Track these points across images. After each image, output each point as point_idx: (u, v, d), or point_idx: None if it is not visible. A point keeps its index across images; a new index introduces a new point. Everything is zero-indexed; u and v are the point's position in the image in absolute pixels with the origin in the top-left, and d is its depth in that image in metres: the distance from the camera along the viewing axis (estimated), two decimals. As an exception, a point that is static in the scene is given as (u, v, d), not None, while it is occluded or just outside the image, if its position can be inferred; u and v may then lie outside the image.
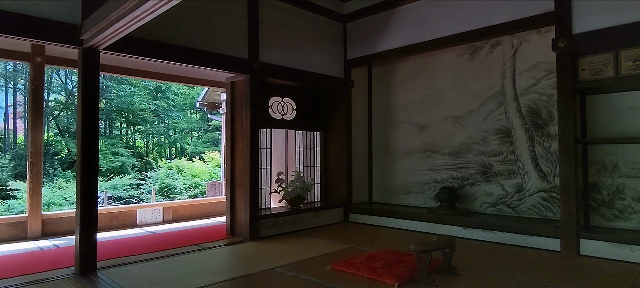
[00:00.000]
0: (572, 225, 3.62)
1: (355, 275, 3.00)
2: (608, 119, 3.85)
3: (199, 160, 12.64)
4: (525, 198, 4.45)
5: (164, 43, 3.80)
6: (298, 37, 5.06)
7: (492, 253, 3.71)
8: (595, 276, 3.02)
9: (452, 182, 5.03)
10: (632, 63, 3.42)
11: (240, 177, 4.52)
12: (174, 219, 5.86)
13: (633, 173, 3.70)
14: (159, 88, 16.50)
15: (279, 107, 5.27)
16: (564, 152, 3.71)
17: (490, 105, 4.75)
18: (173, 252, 3.86)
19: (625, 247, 3.38)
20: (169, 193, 10.75)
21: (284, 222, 4.75)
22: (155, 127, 17.08)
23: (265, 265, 3.36)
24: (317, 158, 5.76)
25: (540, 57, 4.34)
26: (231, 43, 4.32)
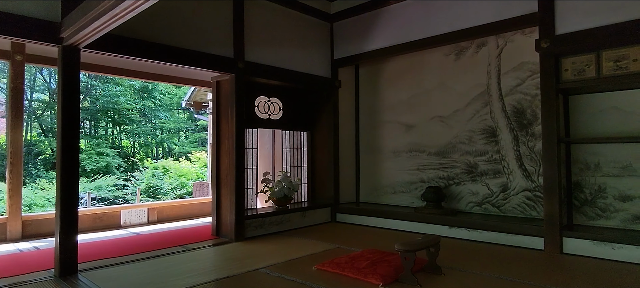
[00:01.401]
0: (555, 224, 3.66)
1: (340, 275, 2.99)
2: (590, 119, 3.90)
3: (186, 160, 12.50)
4: (510, 198, 4.49)
5: (148, 41, 3.74)
6: (284, 37, 5.03)
7: (477, 253, 3.73)
8: (577, 274, 3.06)
9: (438, 181, 5.06)
10: (613, 63, 3.47)
11: (225, 177, 4.48)
12: (160, 220, 5.79)
13: (614, 173, 3.76)
14: (146, 87, 16.29)
15: (265, 106, 5.24)
16: (548, 152, 3.75)
17: (476, 105, 4.78)
18: (157, 254, 3.81)
19: (607, 246, 3.43)
20: (155, 194, 10.62)
21: (270, 222, 4.72)
22: (141, 126, 16.85)
23: (250, 266, 3.33)
24: (304, 158, 5.74)
25: (525, 58, 4.39)
26: (216, 42, 4.27)
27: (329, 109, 5.57)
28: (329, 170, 5.55)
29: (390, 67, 5.64)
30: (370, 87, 5.86)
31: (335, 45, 5.65)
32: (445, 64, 5.07)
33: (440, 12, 4.58)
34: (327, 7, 5.58)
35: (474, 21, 4.30)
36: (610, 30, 3.43)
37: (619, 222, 3.71)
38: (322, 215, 5.42)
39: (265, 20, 4.79)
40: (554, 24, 3.73)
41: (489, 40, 4.68)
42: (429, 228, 4.52)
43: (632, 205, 3.66)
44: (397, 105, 5.53)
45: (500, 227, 4.07)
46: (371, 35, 5.22)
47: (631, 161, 3.67)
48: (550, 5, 3.75)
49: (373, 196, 5.75)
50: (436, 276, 2.95)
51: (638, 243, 3.30)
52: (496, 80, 4.63)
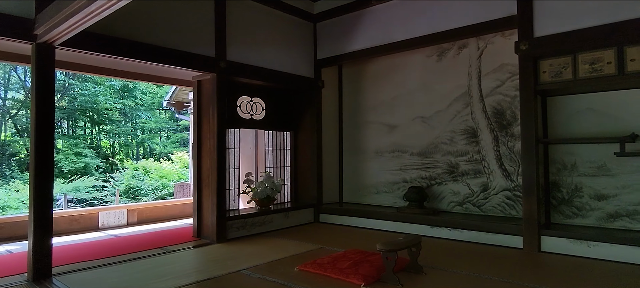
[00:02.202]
0: (534, 223, 3.73)
1: (322, 275, 2.98)
2: (567, 120, 3.99)
3: (167, 160, 12.31)
4: (490, 197, 4.56)
5: (127, 40, 3.66)
6: (267, 36, 4.99)
7: (458, 252, 3.77)
8: (554, 272, 3.12)
9: (420, 181, 5.10)
10: (588, 66, 3.56)
11: (207, 178, 4.41)
12: (139, 222, 5.67)
13: (590, 172, 3.85)
14: (126, 86, 15.98)
15: (247, 106, 5.19)
16: (526, 152, 3.82)
17: (457, 105, 4.84)
18: (136, 256, 3.72)
19: (582, 244, 3.52)
20: (135, 195, 10.41)
21: (252, 223, 4.68)
22: (121, 126, 16.52)
23: (232, 268, 3.29)
24: (287, 158, 5.72)
25: (505, 60, 4.46)
26: (197, 41, 4.21)
27: (312, 109, 5.56)
28: (312, 171, 5.54)
29: (373, 68, 5.66)
30: (354, 87, 5.87)
31: (319, 46, 5.64)
32: (428, 65, 5.11)
33: (422, 14, 4.62)
34: (310, 7, 5.57)
35: (455, 23, 4.35)
36: (586, 34, 3.51)
37: (594, 220, 3.81)
38: (305, 216, 5.41)
39: (247, 19, 4.75)
40: (533, 26, 3.80)
41: (470, 42, 4.74)
42: (411, 228, 4.55)
43: (606, 204, 3.75)
44: (380, 106, 5.56)
45: (481, 226, 4.12)
46: (354, 35, 5.23)
47: (606, 161, 3.77)
48: (528, 9, 3.82)
49: (356, 196, 5.76)
50: (417, 275, 2.97)
51: (612, 241, 3.38)
52: (477, 82, 4.69)
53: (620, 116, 3.72)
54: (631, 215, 3.63)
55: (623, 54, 3.39)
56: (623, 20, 3.34)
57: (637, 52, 3.33)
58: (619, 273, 3.04)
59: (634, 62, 3.35)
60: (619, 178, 3.70)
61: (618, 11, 3.38)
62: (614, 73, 3.43)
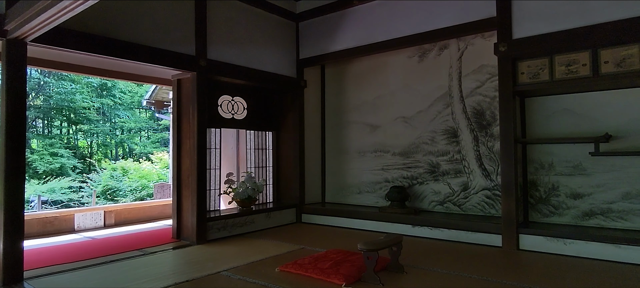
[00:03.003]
0: (512, 222, 3.79)
1: (303, 276, 2.96)
2: (544, 120, 4.08)
3: (147, 161, 12.09)
4: (470, 196, 4.62)
5: (103, 37, 3.57)
6: (249, 35, 4.94)
7: (438, 250, 3.81)
8: (531, 269, 3.18)
9: (402, 181, 5.13)
10: (564, 68, 3.64)
11: (187, 178, 4.34)
12: (117, 223, 5.54)
13: (566, 172, 3.94)
14: (105, 85, 15.62)
15: (229, 106, 5.13)
16: (505, 152, 3.88)
17: (438, 106, 4.89)
18: (112, 258, 3.63)
19: (559, 241, 3.59)
20: (114, 196, 10.18)
21: (233, 224, 4.62)
22: (100, 126, 16.13)
23: (212, 269, 3.24)
24: (269, 158, 5.67)
25: (484, 61, 4.53)
26: (177, 39, 4.13)
27: (295, 109, 5.53)
28: (295, 171, 5.51)
29: (355, 68, 5.67)
30: (336, 87, 5.87)
31: (301, 45, 5.61)
32: (409, 66, 5.15)
33: (403, 15, 4.64)
34: (292, 6, 5.54)
35: (435, 24, 4.39)
36: (562, 36, 3.59)
37: (570, 218, 3.89)
38: (288, 216, 5.37)
39: (228, 17, 4.69)
40: (511, 28, 3.87)
41: (451, 43, 4.80)
42: (393, 228, 4.57)
43: (582, 202, 3.84)
44: (362, 106, 5.57)
45: (461, 225, 4.17)
46: (336, 35, 5.22)
47: (581, 160, 3.86)
48: (507, 11, 3.88)
49: (339, 196, 5.76)
50: (398, 274, 2.98)
51: (587, 238, 3.47)
52: (457, 82, 4.75)
53: (595, 117, 3.81)
54: (605, 213, 3.73)
55: (597, 56, 3.48)
56: (597, 23, 3.42)
57: (610, 55, 3.42)
58: (593, 270, 3.12)
59: (607, 64, 3.44)
60: (594, 178, 3.80)
61: (593, 14, 3.46)
62: (589, 75, 3.52)
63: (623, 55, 3.37)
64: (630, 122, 3.65)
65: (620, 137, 3.68)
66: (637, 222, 3.58)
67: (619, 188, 3.67)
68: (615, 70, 3.40)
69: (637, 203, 3.59)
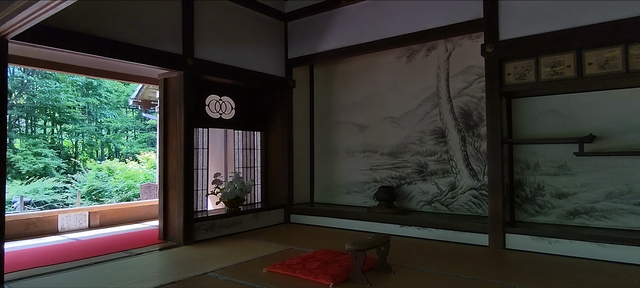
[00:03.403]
0: (499, 221, 3.83)
1: (291, 276, 2.94)
2: (530, 121, 4.12)
3: (134, 161, 11.93)
4: (457, 196, 4.65)
5: (88, 35, 3.50)
6: (237, 34, 4.91)
7: (426, 250, 3.82)
8: (517, 269, 3.21)
9: (390, 181, 5.14)
10: (550, 69, 3.69)
11: (173, 179, 4.29)
12: (102, 224, 5.45)
13: (552, 171, 3.99)
14: (90, 84, 15.36)
15: (216, 105, 5.09)
16: (492, 152, 3.92)
17: (426, 106, 4.91)
18: (97, 260, 3.56)
19: (544, 240, 3.64)
20: (99, 196, 10.01)
21: (221, 224, 4.58)
22: (85, 125, 15.86)
23: (198, 270, 3.20)
24: (257, 158, 5.64)
25: (472, 61, 4.56)
26: (163, 37, 4.08)
27: (283, 108, 5.50)
28: (283, 171, 5.48)
29: (344, 68, 5.67)
30: (325, 87, 5.86)
31: (290, 45, 5.59)
32: (398, 66, 5.16)
33: (392, 15, 4.66)
34: (281, 6, 5.52)
35: (423, 25, 4.41)
36: (547, 38, 3.63)
37: (555, 218, 3.95)
38: (276, 217, 5.35)
39: (216, 16, 4.65)
40: (498, 30, 3.91)
41: (439, 44, 4.83)
42: (381, 227, 4.58)
43: (566, 201, 3.90)
44: (351, 106, 5.57)
45: (448, 224, 4.19)
46: (325, 35, 5.22)
47: (566, 160, 3.91)
48: (494, 12, 3.92)
49: (327, 196, 5.75)
50: (386, 274, 2.98)
51: (571, 238, 3.52)
52: (445, 83, 4.78)
53: (579, 117, 3.87)
54: (589, 212, 3.79)
55: (581, 57, 3.53)
56: (582, 26, 3.48)
57: (594, 56, 3.48)
58: (577, 268, 3.16)
59: (591, 65, 3.49)
60: (578, 177, 3.85)
61: (577, 17, 3.51)
62: (573, 76, 3.57)
63: (606, 57, 3.43)
64: (613, 122, 3.71)
65: (604, 137, 3.74)
66: (619, 221, 3.64)
67: (603, 187, 3.73)
68: (599, 71, 3.46)
69: (619, 202, 3.65)
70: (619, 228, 3.62)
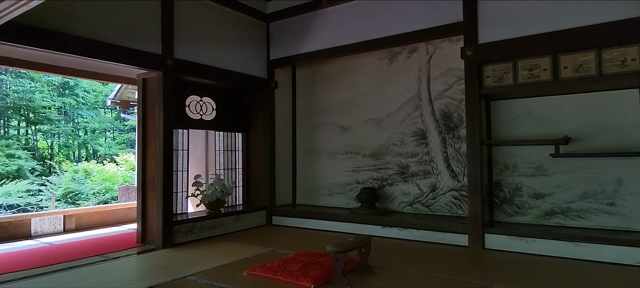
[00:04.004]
0: (478, 221, 3.88)
1: (272, 279, 2.92)
2: (509, 123, 4.20)
3: (112, 162, 11.65)
4: (438, 197, 4.70)
5: (62, 33, 3.40)
6: (218, 35, 4.85)
7: (407, 251, 3.85)
8: (495, 268, 3.26)
9: (372, 182, 5.16)
10: (527, 72, 3.76)
11: (152, 181, 4.20)
12: (78, 228, 5.30)
13: (529, 173, 4.07)
14: (66, 83, 14.94)
15: (197, 106, 5.01)
16: (471, 154, 3.97)
17: (408, 108, 4.95)
18: (71, 265, 3.46)
19: (522, 240, 3.70)
20: (75, 199, 9.74)
21: (201, 227, 4.51)
22: (61, 126, 15.42)
23: (177, 274, 3.14)
24: (239, 160, 5.58)
25: (452, 64, 4.62)
26: (142, 37, 4.00)
27: (265, 109, 5.46)
28: (265, 173, 5.44)
29: (326, 70, 5.67)
30: (307, 88, 5.84)
31: (272, 46, 5.56)
32: (379, 68, 5.19)
33: (373, 18, 4.68)
34: (263, 6, 5.48)
35: (405, 27, 4.44)
36: (525, 42, 3.71)
37: (533, 218, 4.03)
38: (257, 219, 5.30)
39: (197, 16, 4.59)
40: (477, 33, 3.97)
41: (420, 47, 4.87)
42: (363, 229, 4.59)
43: (543, 202, 3.98)
44: (333, 107, 5.57)
45: (429, 225, 4.23)
46: (308, 37, 5.21)
47: (543, 162, 4.00)
48: (474, 16, 3.98)
49: (310, 198, 5.73)
50: (367, 276, 2.99)
51: (548, 237, 3.59)
52: (426, 85, 4.83)
53: (555, 120, 3.96)
54: (564, 212, 3.88)
55: (557, 61, 3.62)
56: (558, 30, 3.56)
57: (569, 60, 3.57)
58: (553, 267, 3.23)
59: (566, 69, 3.58)
60: (554, 178, 3.94)
61: (553, 22, 3.60)
62: (550, 79, 3.65)
63: (581, 61, 3.52)
64: (588, 125, 3.81)
65: (579, 139, 3.84)
66: (593, 221, 3.74)
67: (578, 188, 3.83)
68: (574, 75, 3.55)
69: (593, 202, 3.75)
70: (593, 227, 3.72)
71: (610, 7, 3.36)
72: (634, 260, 3.23)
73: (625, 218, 3.62)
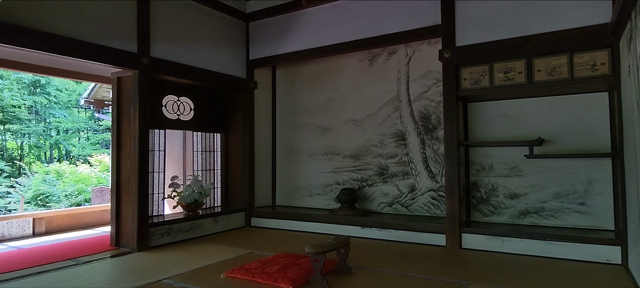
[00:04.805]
0: (456, 221, 3.94)
1: (250, 281, 2.88)
2: (485, 124, 4.28)
3: (85, 163, 11.31)
4: (417, 198, 4.74)
5: (33, 30, 3.28)
6: (196, 34, 4.77)
7: (386, 251, 3.87)
8: (471, 267, 3.31)
9: (352, 183, 5.17)
10: (503, 75, 3.84)
11: (127, 182, 4.09)
12: (48, 232, 5.12)
13: (505, 173, 4.16)
14: (38, 82, 14.43)
15: (174, 106, 4.92)
16: (449, 154, 4.03)
17: (387, 109, 4.99)
18: (41, 270, 3.33)
19: (498, 239, 3.77)
20: (46, 202, 9.40)
21: (178, 229, 4.42)
22: (32, 126, 14.89)
23: (152, 277, 3.06)
24: (217, 161, 5.50)
25: (431, 66, 4.68)
26: (117, 34, 3.90)
27: (244, 110, 5.41)
28: (244, 174, 5.38)
29: (307, 70, 5.65)
30: (288, 89, 5.81)
31: (251, 46, 5.51)
32: (360, 70, 5.21)
33: (353, 19, 4.69)
34: (242, 6, 5.43)
35: (384, 29, 4.47)
36: (501, 45, 3.79)
37: (508, 217, 4.11)
38: (236, 220, 5.23)
39: (174, 14, 4.50)
40: (455, 36, 4.03)
41: (399, 49, 4.91)
42: (343, 230, 4.59)
43: (518, 202, 4.07)
44: (313, 108, 5.56)
45: (408, 225, 4.27)
46: (288, 37, 5.18)
47: (518, 163, 4.09)
48: (451, 19, 4.04)
49: (290, 199, 5.70)
50: (346, 276, 2.98)
51: (522, 236, 3.67)
52: (405, 87, 4.87)
53: (530, 122, 4.06)
54: (538, 212, 3.97)
55: (531, 64, 3.71)
56: (532, 34, 3.65)
57: (543, 64, 3.66)
58: (527, 265, 3.30)
59: (540, 72, 3.68)
60: (528, 179, 4.04)
61: (527, 26, 3.69)
62: (524, 82, 3.74)
63: (553, 65, 3.62)
64: (560, 126, 3.92)
65: (552, 140, 3.94)
66: (566, 220, 3.85)
67: (551, 188, 3.93)
68: (547, 78, 3.64)
69: (565, 202, 3.86)
70: (565, 226, 3.83)
71: (581, 13, 3.47)
72: (602, 257, 3.34)
73: (595, 217, 3.74)
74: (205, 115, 5.34)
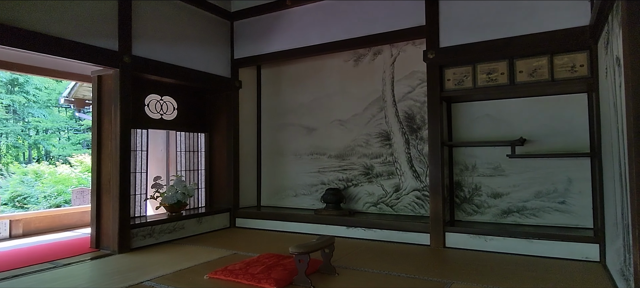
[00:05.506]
0: (439, 221, 3.97)
1: (234, 282, 2.84)
2: (469, 125, 4.33)
3: (65, 164, 11.05)
4: (402, 197, 4.77)
5: (9, 26, 3.18)
6: (180, 32, 4.71)
7: (371, 251, 3.87)
8: (454, 266, 3.34)
9: (338, 183, 5.17)
10: (486, 76, 3.89)
11: (107, 183, 4.01)
12: (26, 234, 4.98)
13: (488, 173, 4.21)
14: (15, 80, 14.05)
15: (157, 106, 4.84)
16: (433, 154, 4.06)
17: (373, 110, 5.00)
18: (17, 273, 3.23)
19: (481, 238, 3.82)
20: (24, 203, 9.16)
21: (161, 230, 4.35)
22: (9, 126, 14.49)
23: (134, 279, 3.01)
24: (201, 161, 5.44)
25: (415, 67, 4.71)
26: (97, 32, 3.81)
27: (229, 110, 5.36)
28: (229, 174, 5.33)
29: (292, 70, 5.63)
30: (273, 89, 5.78)
31: (236, 45, 5.46)
32: (345, 70, 5.22)
33: (338, 19, 4.70)
34: (227, 5, 5.38)
35: (369, 30, 4.49)
36: (483, 46, 3.84)
37: (491, 216, 4.17)
38: (221, 221, 5.18)
39: (157, 12, 4.43)
40: (439, 37, 4.07)
41: (384, 49, 4.94)
42: (328, 230, 4.58)
43: (500, 201, 4.13)
44: (299, 108, 5.54)
45: (393, 225, 4.29)
46: (273, 36, 5.15)
47: (500, 162, 4.15)
48: (435, 20, 4.08)
49: (275, 199, 5.67)
50: (330, 276, 2.98)
51: (505, 235, 3.73)
52: (390, 87, 4.90)
53: (512, 122, 4.12)
54: (520, 210, 4.04)
55: (513, 66, 3.77)
56: (514, 36, 3.71)
57: (524, 65, 3.72)
58: (508, 263, 3.35)
59: (521, 73, 3.74)
60: (511, 178, 4.10)
61: (510, 28, 3.75)
62: (506, 83, 3.80)
63: (535, 66, 3.68)
64: (541, 127, 3.99)
65: (533, 140, 4.01)
66: (547, 219, 3.92)
67: (532, 187, 4.00)
68: (529, 79, 3.70)
69: (547, 201, 3.93)
70: (546, 225, 3.90)
71: (562, 15, 3.54)
72: (581, 255, 3.41)
73: (574, 215, 3.82)
74: (189, 114, 5.27)
